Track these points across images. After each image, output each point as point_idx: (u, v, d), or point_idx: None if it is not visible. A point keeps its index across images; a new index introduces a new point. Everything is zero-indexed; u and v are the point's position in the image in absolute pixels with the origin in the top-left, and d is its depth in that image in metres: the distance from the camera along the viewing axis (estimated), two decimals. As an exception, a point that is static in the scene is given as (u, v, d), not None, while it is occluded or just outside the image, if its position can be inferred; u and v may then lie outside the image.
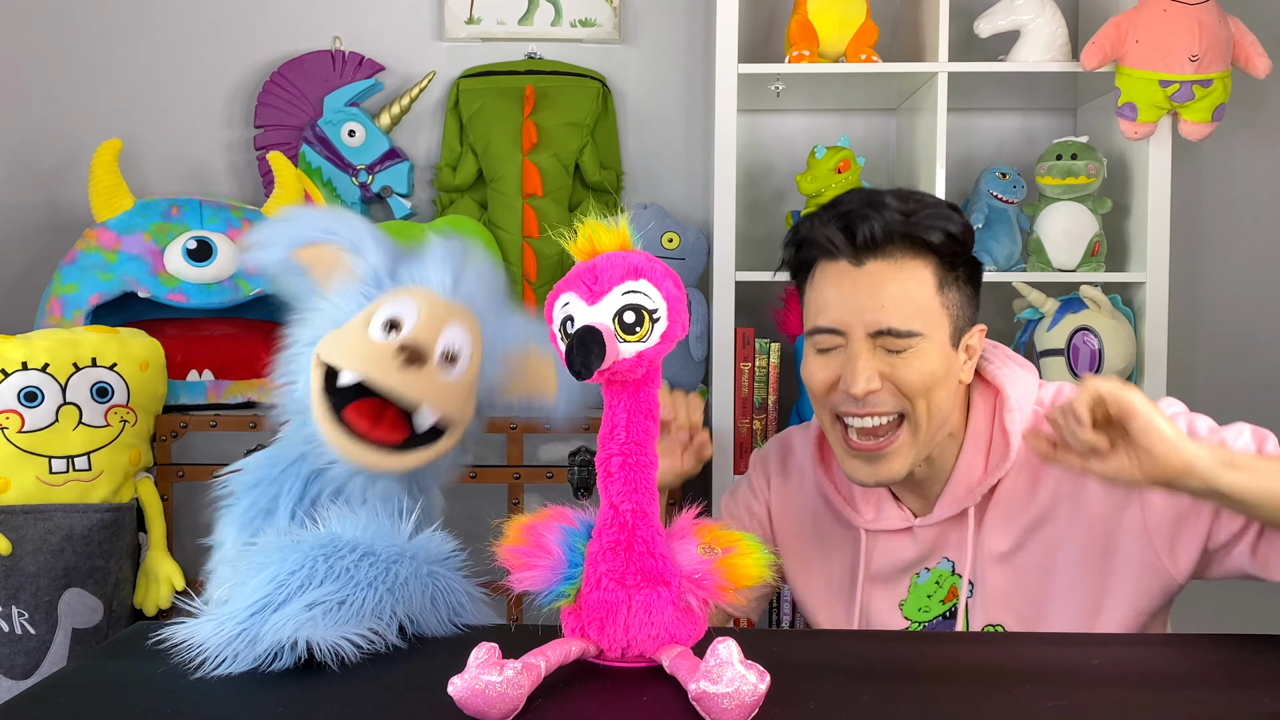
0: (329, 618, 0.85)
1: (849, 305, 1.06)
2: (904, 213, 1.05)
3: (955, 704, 0.75)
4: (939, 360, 1.06)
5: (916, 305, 1.05)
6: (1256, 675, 0.82)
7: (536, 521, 0.83)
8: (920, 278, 1.06)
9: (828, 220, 1.08)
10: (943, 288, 1.07)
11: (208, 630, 0.84)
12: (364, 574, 0.89)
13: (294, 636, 0.82)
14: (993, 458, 1.12)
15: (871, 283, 1.05)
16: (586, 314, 0.76)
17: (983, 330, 1.14)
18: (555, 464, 1.93)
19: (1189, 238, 2.21)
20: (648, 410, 0.79)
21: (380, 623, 0.88)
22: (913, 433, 1.07)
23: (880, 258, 1.06)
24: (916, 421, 1.07)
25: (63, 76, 2.27)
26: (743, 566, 0.80)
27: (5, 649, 1.72)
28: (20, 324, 1.96)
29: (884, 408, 1.06)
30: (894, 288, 1.05)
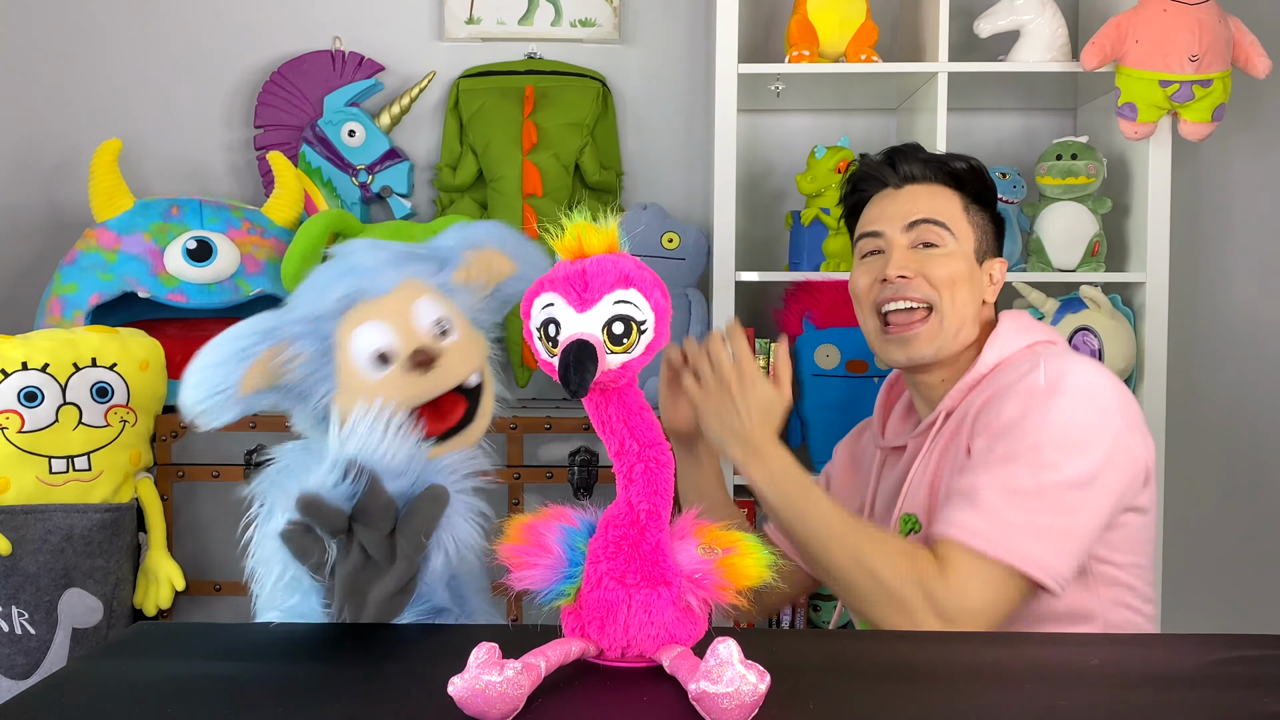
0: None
1: (889, 213, 1.27)
2: (937, 158, 1.31)
3: (955, 704, 0.75)
4: (964, 264, 1.24)
5: (945, 211, 1.26)
6: (1256, 675, 0.82)
7: (537, 521, 0.83)
8: (948, 196, 1.27)
9: (878, 157, 1.33)
10: (968, 209, 1.27)
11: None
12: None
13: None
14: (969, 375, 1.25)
15: (908, 196, 1.28)
16: (575, 322, 0.74)
17: (1004, 264, 1.30)
18: (555, 464, 1.93)
19: (1189, 238, 2.21)
20: (640, 406, 0.80)
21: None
22: (939, 321, 1.23)
23: (916, 183, 1.28)
24: (942, 312, 1.23)
25: (63, 76, 2.27)
26: (743, 566, 0.80)
27: (5, 649, 1.72)
28: (20, 324, 1.96)
29: (915, 294, 1.23)
30: (927, 199, 1.27)
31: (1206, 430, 2.24)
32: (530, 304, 0.78)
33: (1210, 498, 2.25)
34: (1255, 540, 2.25)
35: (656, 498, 0.79)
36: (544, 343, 0.76)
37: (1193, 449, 2.23)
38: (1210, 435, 2.25)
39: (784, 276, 2.03)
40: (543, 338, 0.76)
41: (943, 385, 1.27)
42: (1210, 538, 2.25)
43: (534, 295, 0.77)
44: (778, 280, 2.05)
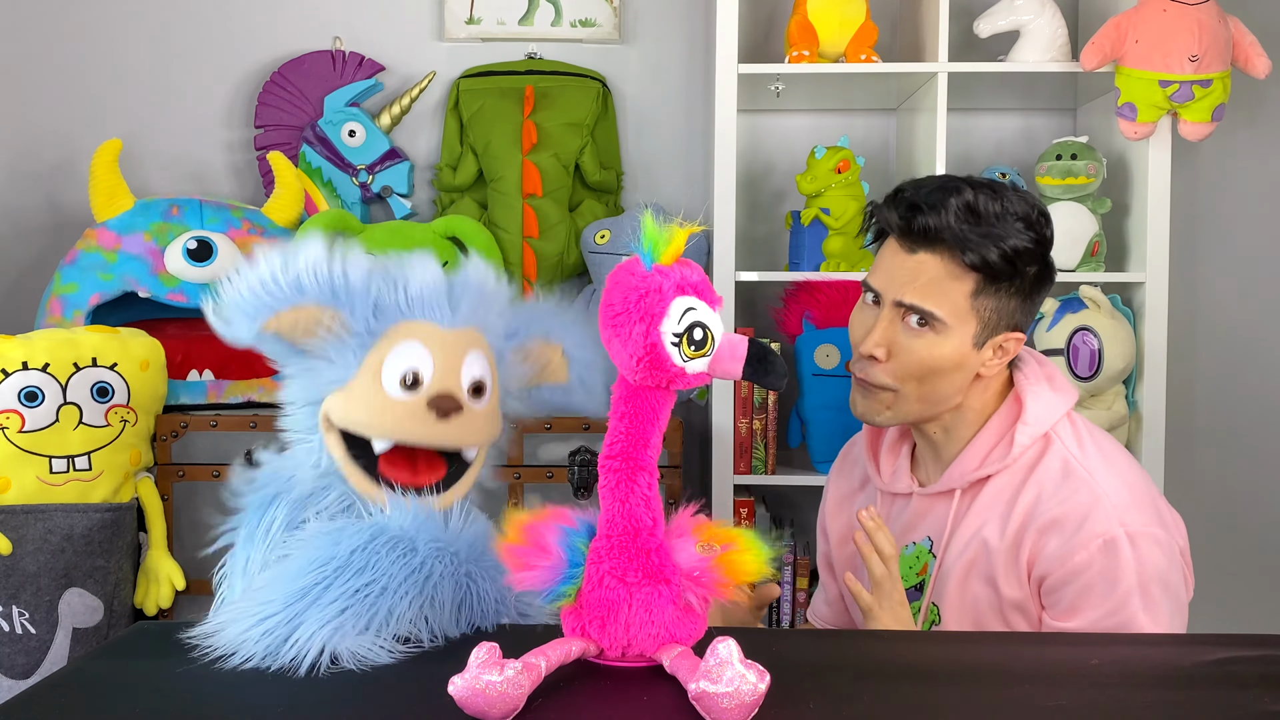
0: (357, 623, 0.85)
1: (891, 276, 1.16)
2: (964, 221, 1.11)
3: (955, 704, 0.75)
4: (951, 353, 1.14)
5: (946, 299, 1.12)
6: (1256, 675, 0.82)
7: (537, 521, 0.83)
8: (959, 277, 1.12)
9: (898, 203, 1.16)
10: (979, 294, 1.13)
11: (236, 629, 0.84)
12: (398, 571, 0.88)
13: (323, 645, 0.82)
14: (992, 456, 1.18)
15: (915, 267, 1.14)
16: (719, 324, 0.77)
17: (1020, 339, 1.18)
18: (555, 464, 1.93)
19: (1189, 238, 2.21)
20: (655, 413, 0.80)
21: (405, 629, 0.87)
22: (894, 400, 1.17)
23: (930, 251, 1.13)
24: (903, 398, 1.16)
25: (63, 76, 2.27)
26: (742, 563, 0.80)
27: (5, 649, 1.72)
28: (20, 324, 1.96)
29: (876, 380, 1.16)
30: (929, 277, 1.13)
31: (1206, 430, 2.24)
32: (655, 310, 0.75)
33: (1209, 498, 2.25)
34: (1255, 540, 2.25)
35: (646, 494, 0.79)
36: (686, 345, 0.76)
37: (1192, 449, 2.23)
38: (1210, 435, 2.25)
39: (784, 276, 2.03)
40: (688, 341, 0.75)
41: (938, 435, 1.21)
42: (1210, 538, 2.24)
43: (665, 300, 0.76)
44: (778, 280, 2.05)
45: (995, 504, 1.17)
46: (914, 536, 1.23)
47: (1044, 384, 1.20)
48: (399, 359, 0.99)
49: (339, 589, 0.86)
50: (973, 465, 1.18)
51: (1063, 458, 1.15)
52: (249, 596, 0.88)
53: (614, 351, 0.78)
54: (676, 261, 0.77)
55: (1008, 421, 1.19)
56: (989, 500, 1.17)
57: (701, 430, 2.18)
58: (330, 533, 0.91)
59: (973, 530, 1.17)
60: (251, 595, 0.88)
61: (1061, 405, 1.18)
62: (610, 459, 0.80)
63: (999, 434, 1.19)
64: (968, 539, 1.17)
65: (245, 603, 0.87)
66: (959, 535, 1.18)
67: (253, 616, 0.85)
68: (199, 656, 0.84)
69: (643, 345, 0.75)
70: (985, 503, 1.17)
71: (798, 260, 2.05)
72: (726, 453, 1.97)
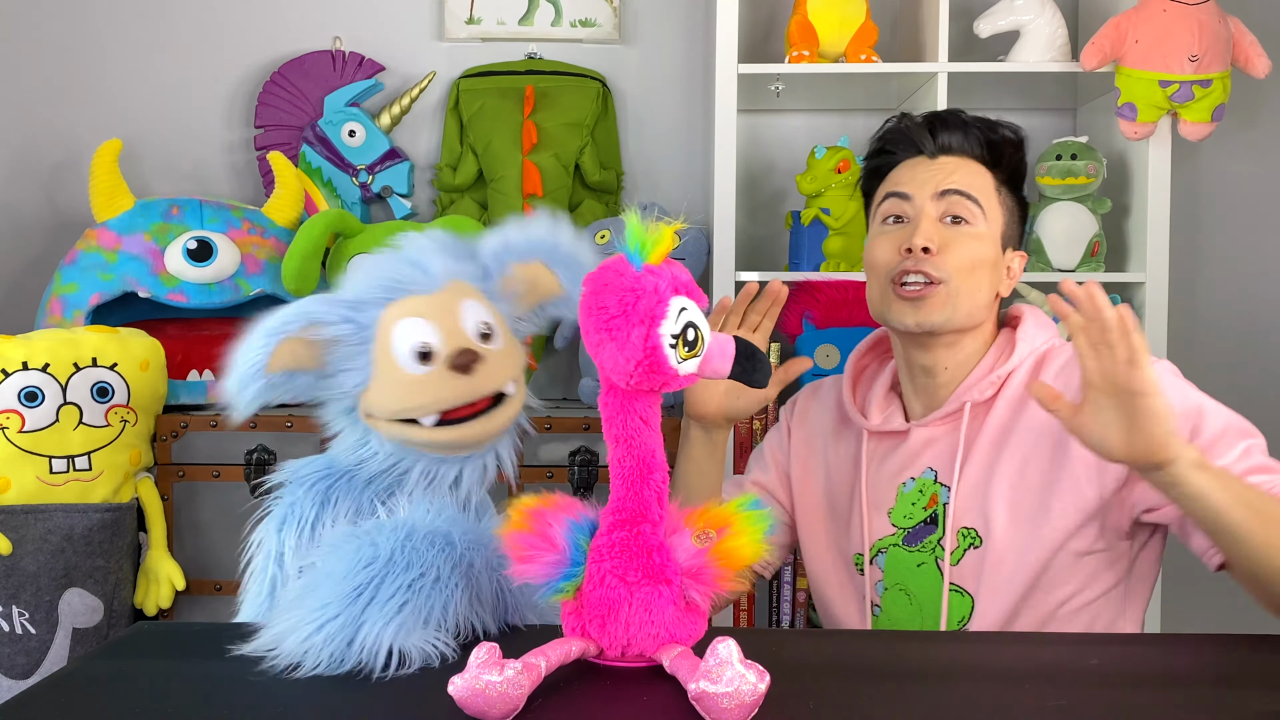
0: (418, 618, 0.84)
1: (920, 178, 1.22)
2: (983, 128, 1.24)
3: (955, 704, 0.75)
4: (989, 248, 1.20)
5: (979, 187, 1.21)
6: (1256, 675, 0.82)
7: (544, 509, 0.82)
8: (982, 175, 1.22)
9: (917, 120, 1.26)
10: (999, 190, 1.23)
11: (296, 638, 0.83)
12: (443, 563, 0.88)
13: (390, 643, 0.82)
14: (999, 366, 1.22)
15: (943, 167, 1.22)
16: (706, 324, 0.77)
17: (1024, 258, 1.27)
18: (555, 464, 1.93)
19: (1189, 238, 2.21)
20: (648, 412, 0.80)
21: (463, 620, 0.87)
22: (950, 296, 1.18)
23: (952, 155, 1.23)
24: (954, 292, 1.18)
25: (63, 76, 2.27)
26: (739, 549, 0.79)
27: (5, 649, 1.72)
28: (20, 324, 1.96)
29: (935, 272, 1.17)
30: (962, 172, 1.22)
31: (1206, 430, 2.24)
32: (654, 311, 0.75)
33: (1210, 498, 2.25)
34: (1255, 540, 2.25)
35: (649, 494, 0.79)
36: (680, 347, 0.75)
37: (1193, 449, 2.23)
38: (1210, 435, 2.25)
39: (784, 276, 2.03)
40: (681, 342, 0.75)
41: (945, 372, 1.23)
42: (1210, 538, 2.25)
43: (664, 301, 0.75)
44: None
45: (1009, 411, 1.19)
46: (911, 472, 1.23)
47: (1041, 316, 1.26)
48: (403, 339, 1.00)
49: (393, 584, 0.85)
50: (978, 379, 1.21)
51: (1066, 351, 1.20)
52: (297, 604, 0.87)
53: (606, 356, 0.76)
54: (664, 260, 0.77)
55: (1009, 338, 1.24)
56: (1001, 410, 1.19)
57: (701, 430, 2.18)
58: (362, 534, 0.91)
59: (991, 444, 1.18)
60: (299, 603, 0.87)
61: (1055, 330, 1.25)
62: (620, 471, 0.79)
63: (1000, 349, 1.23)
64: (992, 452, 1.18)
65: (297, 611, 0.85)
66: (979, 452, 1.19)
67: (311, 624, 0.83)
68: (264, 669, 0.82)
69: (642, 348, 0.74)
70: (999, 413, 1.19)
71: (798, 260, 2.06)
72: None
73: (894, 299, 1.20)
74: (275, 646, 0.84)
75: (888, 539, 1.23)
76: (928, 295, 1.17)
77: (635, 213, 0.77)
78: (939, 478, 1.21)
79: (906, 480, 1.24)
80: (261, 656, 0.84)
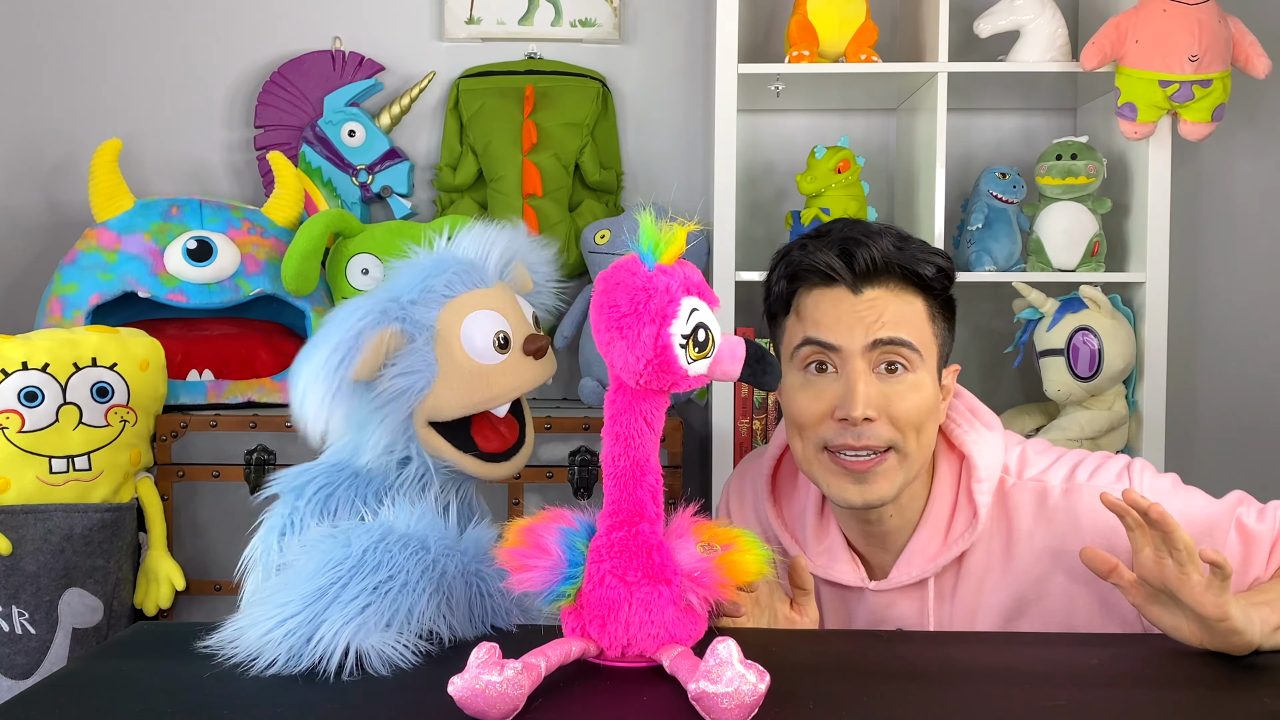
0: (379, 620, 0.84)
1: (846, 322, 1.04)
2: (898, 245, 1.06)
3: (955, 704, 0.75)
4: (931, 392, 1.05)
5: (914, 326, 1.05)
6: (1256, 675, 0.82)
7: (535, 524, 0.83)
8: (914, 305, 1.06)
9: (824, 247, 1.07)
10: (932, 318, 1.08)
11: (256, 632, 0.84)
12: (414, 568, 0.88)
13: (348, 643, 0.82)
14: (955, 528, 1.09)
15: (871, 305, 1.04)
16: (717, 325, 0.77)
17: (955, 371, 1.13)
18: (555, 464, 1.93)
19: (1189, 238, 2.21)
20: (652, 413, 0.80)
21: (427, 625, 0.87)
22: (900, 462, 1.04)
23: (878, 285, 1.05)
24: (906, 454, 1.04)
25: (63, 76, 2.27)
26: (742, 563, 0.80)
27: (5, 649, 1.72)
28: (20, 324, 1.96)
29: (877, 440, 1.02)
30: (893, 310, 1.04)
31: (1206, 430, 2.24)
32: (666, 311, 0.74)
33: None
34: (1255, 540, 2.25)
35: (644, 494, 0.79)
36: (690, 348, 0.75)
37: (1192, 449, 2.23)
38: (1210, 435, 2.25)
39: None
40: (692, 343, 0.75)
41: (892, 520, 1.09)
42: (1210, 538, 2.25)
43: (675, 301, 0.75)
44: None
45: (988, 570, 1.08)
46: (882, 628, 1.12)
47: (979, 428, 1.11)
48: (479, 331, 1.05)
49: (357, 586, 0.86)
50: (936, 545, 1.09)
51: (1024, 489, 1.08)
52: (264, 601, 0.87)
53: (616, 354, 0.76)
54: (676, 261, 0.77)
55: (951, 482, 1.10)
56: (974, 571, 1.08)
57: (701, 430, 2.18)
58: (337, 535, 0.91)
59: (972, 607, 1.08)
60: (266, 600, 0.87)
61: (998, 440, 1.11)
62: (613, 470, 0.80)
63: (951, 501, 1.09)
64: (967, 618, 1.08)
65: (261, 606, 0.86)
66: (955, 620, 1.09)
67: (272, 619, 0.84)
68: (218, 663, 0.83)
69: (653, 348, 0.74)
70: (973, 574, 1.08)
71: (798, 260, 2.05)
72: (726, 453, 1.97)
73: (832, 473, 1.05)
74: (236, 640, 0.84)
75: None
76: (876, 468, 1.03)
77: (649, 213, 0.77)
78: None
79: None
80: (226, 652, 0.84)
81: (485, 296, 1.08)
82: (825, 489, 1.06)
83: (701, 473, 2.14)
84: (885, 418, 1.02)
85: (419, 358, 1.03)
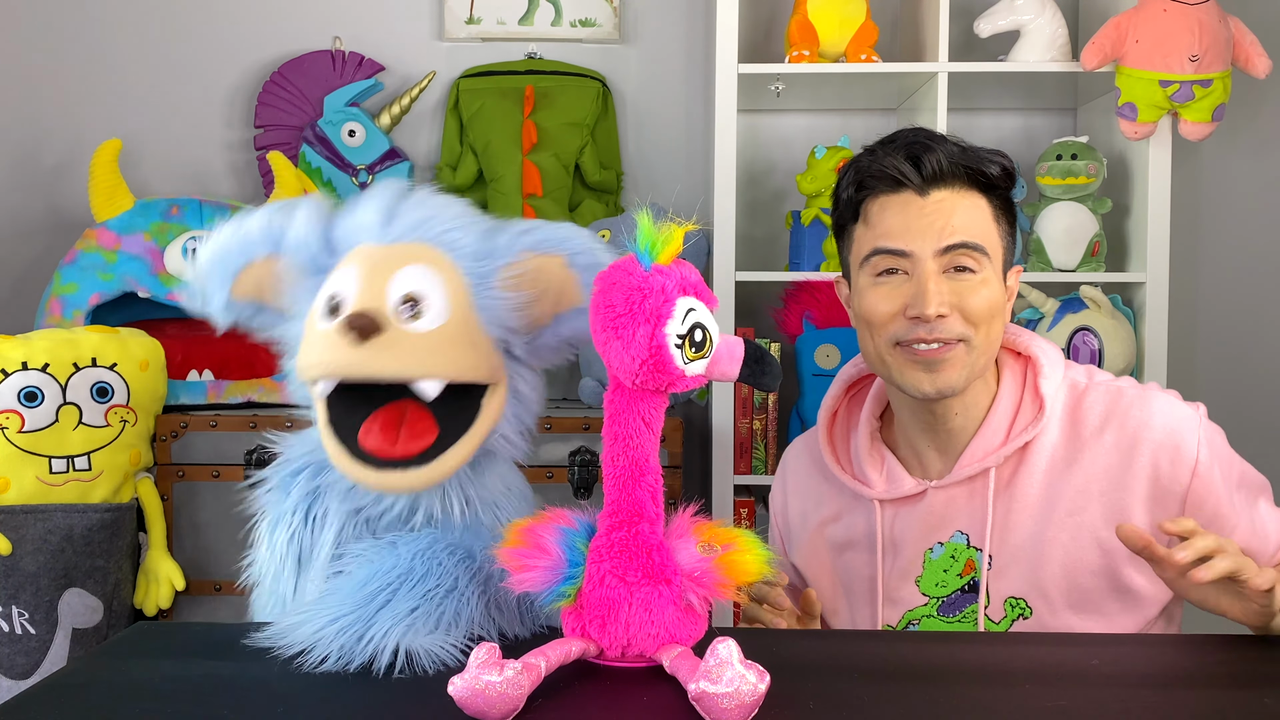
0: (427, 624, 0.84)
1: (916, 228, 1.07)
2: (962, 148, 1.10)
3: (955, 704, 0.75)
4: (999, 289, 1.09)
5: (981, 228, 1.08)
6: (1256, 675, 0.82)
7: (535, 524, 0.83)
8: (980, 206, 1.09)
9: (892, 152, 1.09)
10: (997, 219, 1.10)
11: (309, 629, 0.83)
12: (462, 574, 0.87)
13: (398, 642, 0.82)
14: (1019, 421, 1.11)
15: (938, 208, 1.07)
16: (715, 325, 0.76)
17: (1019, 271, 1.15)
18: (555, 464, 1.93)
19: (1189, 238, 2.21)
20: (651, 413, 0.80)
21: (476, 630, 0.88)
22: (969, 353, 1.07)
23: (944, 187, 1.08)
24: (975, 347, 1.07)
25: (63, 76, 2.27)
26: (742, 563, 0.80)
27: (5, 649, 1.72)
28: (20, 324, 1.96)
29: (950, 334, 1.06)
30: (961, 212, 1.07)
31: (1206, 430, 2.24)
32: (660, 311, 0.74)
33: (1210, 498, 2.25)
34: (1255, 540, 2.25)
35: (644, 494, 0.79)
36: (687, 347, 0.75)
37: (1193, 449, 2.23)
38: (1210, 435, 2.25)
39: (784, 276, 2.03)
40: (689, 343, 0.75)
41: (957, 419, 1.11)
42: (1210, 538, 2.25)
43: (670, 301, 0.75)
44: (777, 280, 2.05)
45: (1050, 466, 1.09)
46: (940, 536, 1.12)
47: (1035, 335, 1.16)
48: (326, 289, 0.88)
49: (409, 591, 0.85)
50: (999, 437, 1.10)
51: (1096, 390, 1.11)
52: (316, 604, 0.87)
53: (612, 354, 0.77)
54: (674, 261, 0.77)
55: (1017, 382, 1.13)
56: (1038, 465, 1.08)
57: (701, 430, 2.18)
58: (386, 545, 0.91)
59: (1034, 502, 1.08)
60: (318, 602, 0.88)
61: (1058, 353, 1.15)
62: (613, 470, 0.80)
63: (1015, 398, 1.11)
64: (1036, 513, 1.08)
65: (314, 607, 0.86)
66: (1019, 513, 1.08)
67: (324, 617, 0.84)
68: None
69: (647, 348, 0.74)
70: (1035, 468, 1.08)
71: (798, 260, 2.05)
72: (726, 453, 1.97)
73: (905, 363, 1.08)
74: (287, 636, 0.84)
75: (920, 609, 1.12)
76: (946, 356, 1.06)
77: (646, 213, 0.77)
78: (971, 541, 1.10)
79: (934, 545, 1.12)
80: (267, 651, 0.84)
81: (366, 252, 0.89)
82: (898, 381, 1.09)
83: (701, 473, 2.14)
84: (956, 313, 1.06)
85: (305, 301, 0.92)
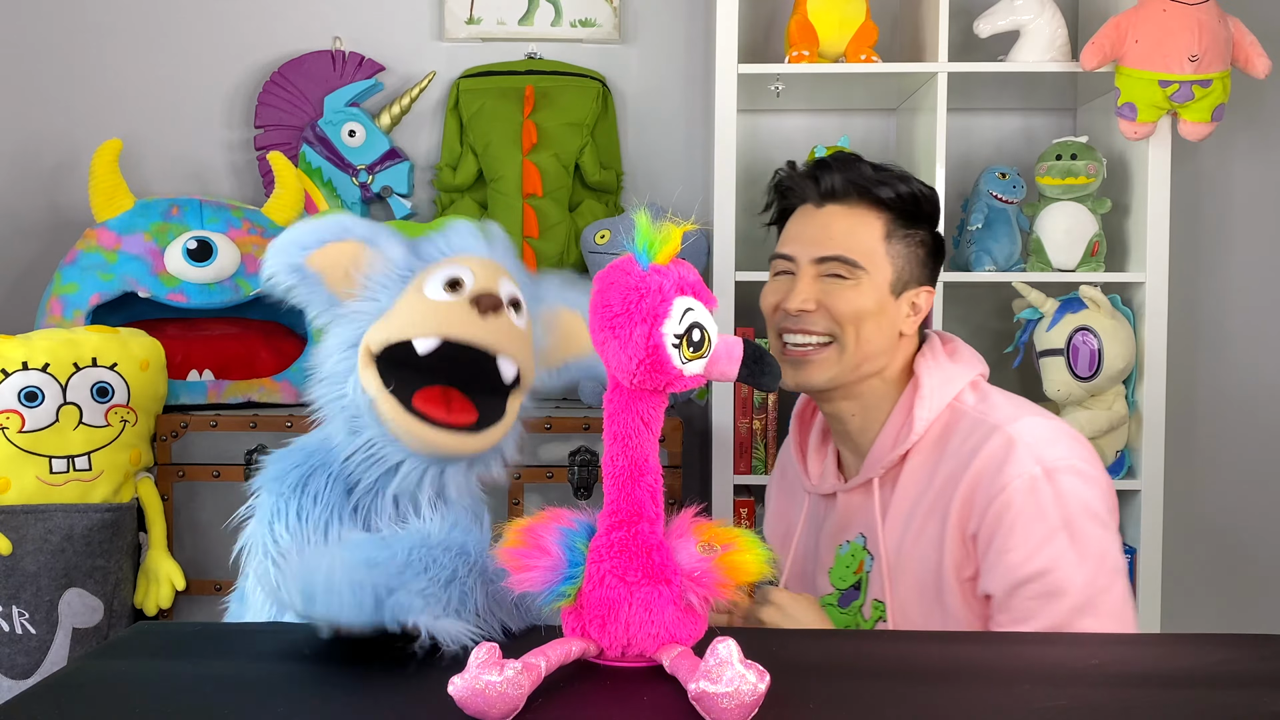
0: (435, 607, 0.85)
1: (803, 237, 1.23)
2: (868, 173, 1.22)
3: (955, 704, 0.75)
4: (873, 298, 1.19)
5: (860, 244, 1.19)
6: (1256, 675, 0.82)
7: (535, 524, 0.82)
8: (869, 224, 1.20)
9: (804, 170, 1.26)
10: (890, 238, 1.21)
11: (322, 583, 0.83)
12: (460, 566, 0.88)
13: (416, 621, 0.82)
14: (900, 436, 1.20)
15: (825, 220, 1.22)
16: (714, 325, 0.76)
17: (930, 293, 1.24)
18: (555, 464, 1.93)
19: (1189, 238, 2.21)
20: (650, 414, 0.80)
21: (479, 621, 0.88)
22: (838, 353, 1.19)
23: (838, 203, 1.22)
24: (844, 345, 1.19)
25: (63, 76, 2.27)
26: (743, 563, 0.80)
27: (5, 649, 1.72)
28: (20, 324, 1.96)
29: (815, 328, 1.19)
30: (843, 226, 1.20)
31: (1206, 430, 2.24)
32: (657, 310, 0.74)
33: (1210, 498, 2.25)
34: (1255, 540, 2.25)
35: (643, 494, 0.79)
36: (684, 347, 0.75)
37: (1192, 449, 2.23)
38: (1210, 435, 2.25)
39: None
40: (686, 343, 0.75)
41: (854, 420, 1.23)
42: (1210, 537, 2.25)
43: (667, 300, 0.75)
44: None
45: (915, 483, 1.18)
46: (847, 535, 1.24)
47: (942, 359, 1.22)
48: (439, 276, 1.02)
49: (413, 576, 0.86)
50: (885, 450, 1.20)
51: (970, 419, 1.17)
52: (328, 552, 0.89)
53: (610, 354, 0.77)
54: (672, 261, 0.77)
55: (910, 401, 1.21)
56: (908, 481, 1.18)
57: (701, 430, 2.18)
58: (376, 539, 0.91)
59: (902, 515, 1.18)
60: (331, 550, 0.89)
61: (962, 376, 1.21)
62: (612, 470, 0.80)
63: (904, 415, 1.20)
64: (900, 525, 1.18)
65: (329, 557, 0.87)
66: (890, 524, 1.19)
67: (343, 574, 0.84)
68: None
69: (644, 347, 0.75)
70: (906, 484, 1.19)
71: (798, 260, 2.05)
72: (726, 453, 1.97)
73: (780, 359, 1.21)
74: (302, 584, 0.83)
75: (826, 598, 1.26)
76: (814, 358, 1.19)
77: (644, 213, 0.77)
78: (867, 544, 1.22)
79: (843, 543, 1.25)
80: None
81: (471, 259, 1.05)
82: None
83: (701, 473, 2.14)
84: (823, 310, 1.19)
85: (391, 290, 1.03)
